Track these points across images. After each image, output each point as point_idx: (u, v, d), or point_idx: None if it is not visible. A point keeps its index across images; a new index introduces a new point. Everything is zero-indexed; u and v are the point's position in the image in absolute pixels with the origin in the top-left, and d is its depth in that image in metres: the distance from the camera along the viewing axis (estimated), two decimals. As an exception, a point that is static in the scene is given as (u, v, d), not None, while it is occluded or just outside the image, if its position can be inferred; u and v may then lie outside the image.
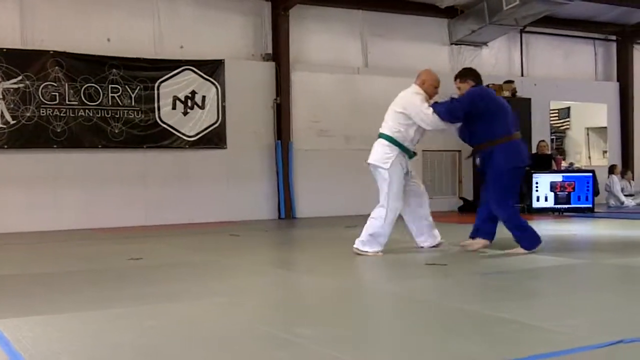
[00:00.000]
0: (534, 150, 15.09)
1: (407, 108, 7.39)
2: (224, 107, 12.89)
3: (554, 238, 7.61)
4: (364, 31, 14.51)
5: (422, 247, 7.77)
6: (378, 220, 7.46)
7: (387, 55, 14.72)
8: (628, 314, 4.42)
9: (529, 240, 7.21)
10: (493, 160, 7.14)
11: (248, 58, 13.40)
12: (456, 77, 7.52)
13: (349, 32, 14.38)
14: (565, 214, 13.10)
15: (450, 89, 15.44)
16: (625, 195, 15.81)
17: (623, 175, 16.33)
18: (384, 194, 7.52)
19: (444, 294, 5.17)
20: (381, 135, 7.56)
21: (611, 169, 16.27)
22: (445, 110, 7.27)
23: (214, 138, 12.82)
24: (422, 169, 14.88)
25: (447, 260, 6.88)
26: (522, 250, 7.18)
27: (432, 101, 7.46)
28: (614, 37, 17.70)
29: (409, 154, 7.56)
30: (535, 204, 13.28)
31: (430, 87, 7.50)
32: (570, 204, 13.28)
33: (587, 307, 4.67)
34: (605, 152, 18.04)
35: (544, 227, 10.74)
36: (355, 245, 7.43)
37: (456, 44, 15.52)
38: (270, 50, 13.48)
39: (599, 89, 17.46)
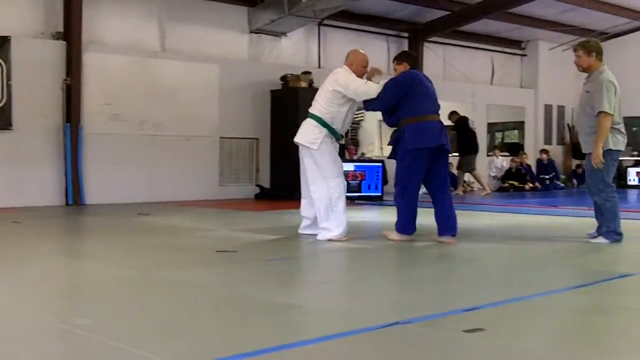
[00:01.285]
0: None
1: (341, 83, 7.34)
2: (9, 87, 12.11)
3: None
4: (162, 14, 14.17)
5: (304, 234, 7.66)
6: (324, 202, 7.33)
7: (186, 40, 14.48)
8: (408, 297, 4.58)
9: (401, 225, 7.21)
10: (402, 141, 7.18)
11: (37, 36, 12.67)
12: (394, 60, 7.67)
13: (146, 14, 14.00)
14: (356, 201, 13.51)
15: (250, 76, 15.51)
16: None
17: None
18: (318, 175, 7.38)
19: (229, 280, 5.12)
20: (310, 116, 7.49)
21: (400, 160, 16.97)
22: (377, 103, 7.39)
23: (-3, 119, 12.04)
24: (219, 156, 14.83)
25: (238, 247, 6.84)
26: (393, 234, 7.26)
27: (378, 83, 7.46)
28: (406, 34, 18.45)
29: (337, 136, 7.50)
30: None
31: (358, 67, 7.52)
32: (361, 192, 13.79)
33: (370, 291, 4.78)
34: (395, 143, 18.79)
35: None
36: (318, 237, 7.33)
37: (256, 33, 15.54)
38: (61, 29, 12.83)
39: (390, 83, 18.11)
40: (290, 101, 14.78)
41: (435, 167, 7.23)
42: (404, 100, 7.22)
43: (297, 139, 7.56)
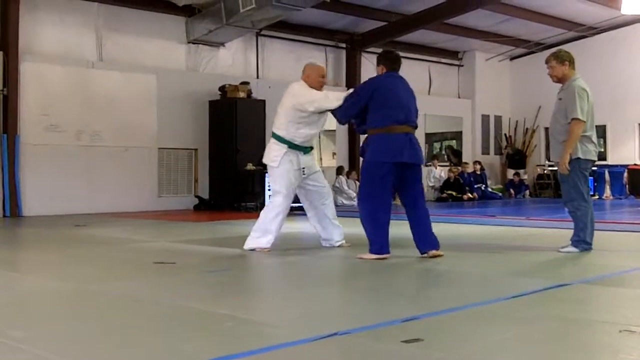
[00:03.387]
0: (268, 151, 15.46)
1: (295, 96, 7.29)
2: (-57, 97, 11.89)
3: (283, 235, 7.80)
4: (99, 24, 14.05)
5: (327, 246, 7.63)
6: (262, 217, 7.42)
7: (123, 50, 14.38)
8: (345, 307, 4.61)
9: (374, 245, 6.68)
10: (366, 152, 6.89)
11: (-28, 46, 12.48)
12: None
13: (83, 24, 13.87)
14: (295, 212, 13.50)
15: (188, 86, 15.40)
16: (350, 195, 16.77)
17: (348, 175, 17.24)
18: (271, 191, 7.52)
19: (167, 292, 5.09)
20: (272, 135, 7.46)
21: (339, 170, 17.12)
22: (341, 113, 7.12)
23: None
24: (158, 167, 14.73)
25: (177, 258, 6.81)
26: (369, 255, 6.67)
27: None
28: (343, 45, 18.59)
29: (303, 149, 7.41)
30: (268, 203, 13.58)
31: (315, 79, 7.43)
32: (299, 202, 13.72)
33: (307, 302, 4.80)
34: (334, 153, 18.92)
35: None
36: (245, 245, 7.35)
37: (194, 43, 15.51)
38: (-3, 39, 12.66)
39: (329, 93, 18.20)
40: (228, 111, 14.79)
41: (405, 182, 6.86)
42: (370, 109, 6.85)
43: (263, 159, 7.59)
